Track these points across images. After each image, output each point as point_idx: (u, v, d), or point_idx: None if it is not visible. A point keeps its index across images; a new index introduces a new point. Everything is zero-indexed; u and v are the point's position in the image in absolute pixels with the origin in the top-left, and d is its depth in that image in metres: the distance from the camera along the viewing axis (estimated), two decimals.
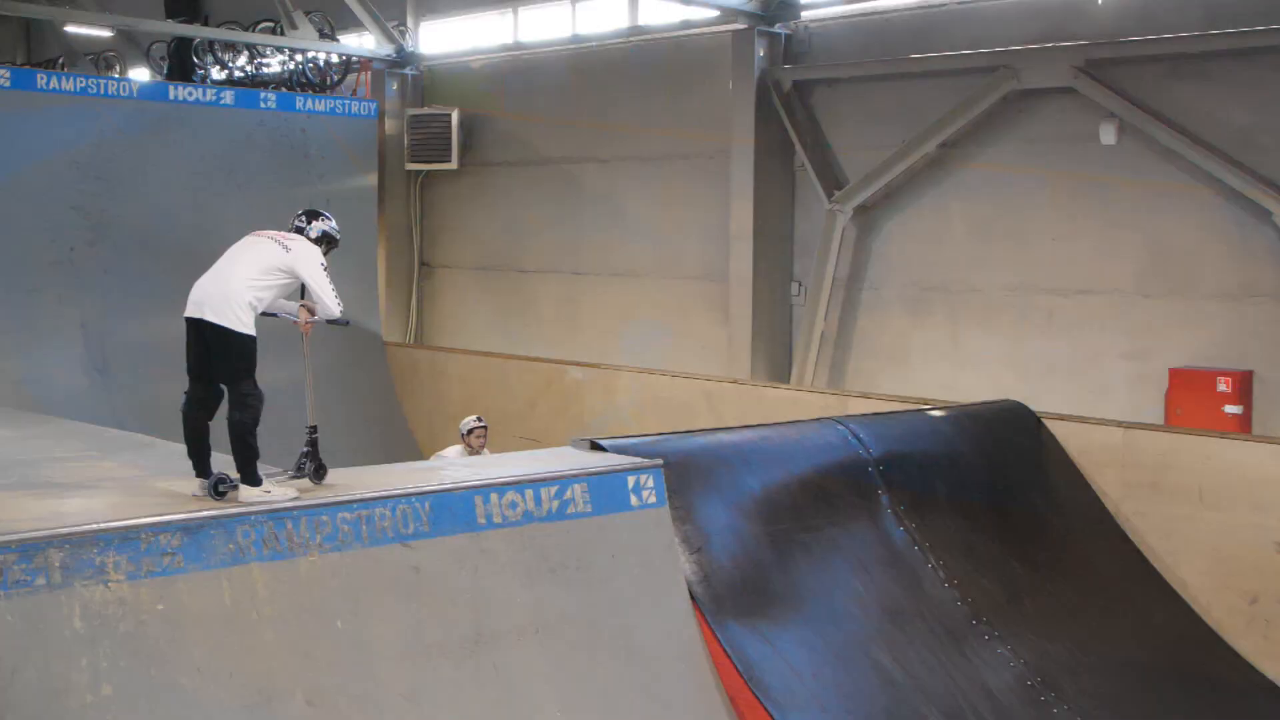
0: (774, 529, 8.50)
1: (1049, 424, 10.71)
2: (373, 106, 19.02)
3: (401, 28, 20.38)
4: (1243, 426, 12.20)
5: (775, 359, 16.02)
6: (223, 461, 6.73)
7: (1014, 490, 10.15)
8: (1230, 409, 12.22)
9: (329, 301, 6.96)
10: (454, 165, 19.80)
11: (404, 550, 6.66)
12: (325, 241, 7.20)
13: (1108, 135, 13.15)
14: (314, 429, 7.00)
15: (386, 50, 20.20)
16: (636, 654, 7.33)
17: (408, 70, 20.47)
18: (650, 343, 17.19)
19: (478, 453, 11.18)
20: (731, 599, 7.93)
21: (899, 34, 14.96)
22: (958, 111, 14.20)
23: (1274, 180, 12.21)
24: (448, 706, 6.49)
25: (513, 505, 7.15)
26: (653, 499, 7.80)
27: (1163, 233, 13.09)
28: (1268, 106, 12.37)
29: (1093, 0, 13.23)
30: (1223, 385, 12.30)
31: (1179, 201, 12.95)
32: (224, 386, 6.78)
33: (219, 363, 6.72)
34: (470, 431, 11.28)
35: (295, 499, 6.51)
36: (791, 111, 15.62)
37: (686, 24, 16.87)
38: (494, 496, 7.10)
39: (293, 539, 6.30)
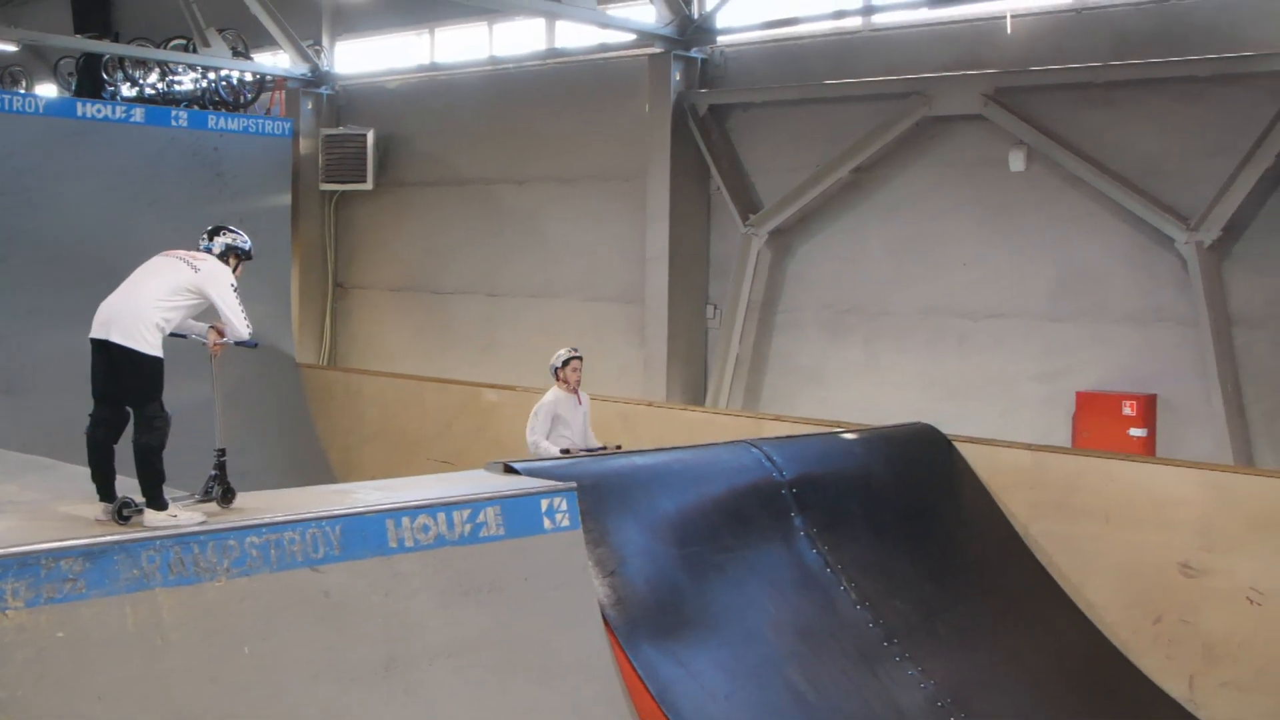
0: (688, 551, 8.50)
1: (960, 446, 10.81)
2: (287, 126, 18.85)
3: (316, 47, 20.24)
4: (1147, 449, 12.43)
5: (691, 381, 16.07)
6: (128, 485, 6.60)
7: (926, 512, 10.23)
8: (1135, 432, 12.45)
9: (238, 323, 6.85)
10: (369, 185, 19.69)
11: (314, 575, 6.57)
12: (234, 255, 7.08)
13: (1017, 162, 13.39)
14: (223, 452, 6.89)
15: (301, 69, 20.06)
16: (551, 677, 7.29)
17: (323, 90, 20.34)
18: None
19: (575, 390, 10.46)
20: (645, 621, 7.91)
21: (814, 59, 15.11)
22: (872, 136, 14.37)
23: (1177, 207, 12.49)
24: None
25: (425, 529, 7.08)
26: (566, 522, 7.76)
27: (1071, 257, 13.33)
28: (1172, 135, 12.65)
29: (1003, 28, 13.45)
30: (1128, 408, 12.53)
31: (1087, 227, 13.19)
32: (130, 408, 6.67)
33: (125, 384, 6.60)
34: (566, 364, 10.44)
35: (202, 523, 6.40)
36: (707, 135, 15.72)
37: (604, 47, 16.94)
38: (406, 520, 7.02)
39: (200, 563, 6.19)
